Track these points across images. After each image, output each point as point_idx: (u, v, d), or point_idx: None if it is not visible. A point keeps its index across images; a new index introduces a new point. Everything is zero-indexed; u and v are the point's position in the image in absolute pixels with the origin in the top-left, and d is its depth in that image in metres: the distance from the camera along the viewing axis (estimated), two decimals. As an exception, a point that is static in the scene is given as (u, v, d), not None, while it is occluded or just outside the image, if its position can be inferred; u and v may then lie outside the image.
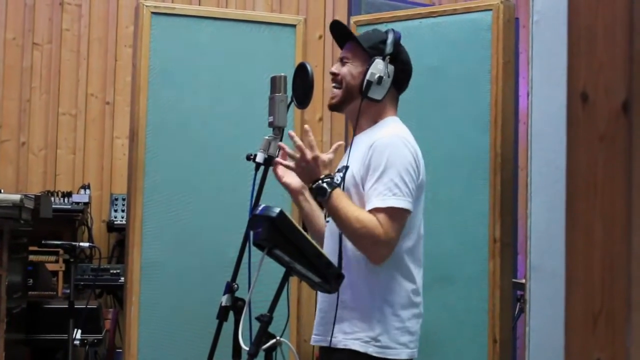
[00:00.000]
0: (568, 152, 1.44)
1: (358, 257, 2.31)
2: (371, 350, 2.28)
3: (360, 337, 2.29)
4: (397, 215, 2.26)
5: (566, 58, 1.44)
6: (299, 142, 2.33)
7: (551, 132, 1.48)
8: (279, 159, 2.49)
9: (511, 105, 3.24)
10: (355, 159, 2.37)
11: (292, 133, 2.38)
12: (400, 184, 2.27)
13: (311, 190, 2.34)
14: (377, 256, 2.29)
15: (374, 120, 2.45)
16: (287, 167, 2.42)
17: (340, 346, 2.30)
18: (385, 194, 2.26)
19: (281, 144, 2.50)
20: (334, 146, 2.45)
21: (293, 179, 2.48)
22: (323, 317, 2.39)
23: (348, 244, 2.32)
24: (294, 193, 2.53)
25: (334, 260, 2.34)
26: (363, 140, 2.39)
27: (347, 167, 2.38)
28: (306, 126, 2.41)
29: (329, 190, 2.27)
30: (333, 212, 2.30)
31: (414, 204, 2.31)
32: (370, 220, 2.25)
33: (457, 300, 3.18)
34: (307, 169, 2.32)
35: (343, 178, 2.37)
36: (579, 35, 1.43)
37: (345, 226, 2.28)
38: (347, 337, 2.30)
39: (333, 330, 2.29)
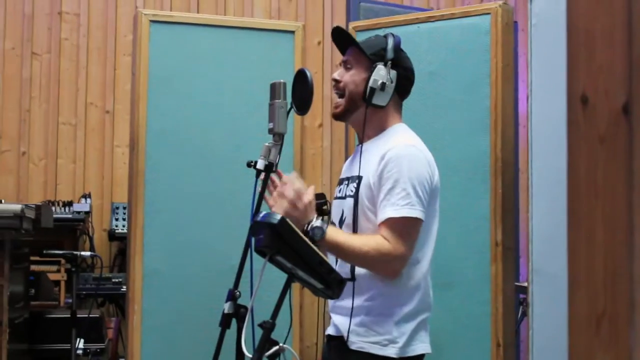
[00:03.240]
0: (569, 155, 1.44)
1: None
2: (390, 352, 2.28)
3: (379, 341, 2.29)
4: (409, 226, 2.26)
5: (565, 61, 1.45)
6: (290, 192, 2.29)
7: (551, 135, 1.48)
8: (267, 197, 2.44)
9: (511, 109, 3.24)
10: (367, 169, 2.36)
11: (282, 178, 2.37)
12: (412, 193, 2.25)
13: (305, 233, 2.25)
14: (391, 272, 2.29)
15: (381, 128, 2.44)
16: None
17: (354, 348, 2.30)
18: (398, 204, 2.25)
19: (273, 177, 2.43)
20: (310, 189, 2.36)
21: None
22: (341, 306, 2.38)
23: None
24: None
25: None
26: (373, 149, 2.38)
27: (360, 177, 2.37)
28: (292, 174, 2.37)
29: (324, 228, 2.26)
30: (335, 249, 2.28)
31: (425, 212, 2.30)
32: (377, 241, 2.24)
33: (459, 304, 3.18)
34: (298, 212, 2.29)
35: (357, 188, 2.36)
36: (578, 38, 1.43)
37: (355, 256, 2.27)
38: (362, 340, 2.30)
39: (349, 327, 2.30)
